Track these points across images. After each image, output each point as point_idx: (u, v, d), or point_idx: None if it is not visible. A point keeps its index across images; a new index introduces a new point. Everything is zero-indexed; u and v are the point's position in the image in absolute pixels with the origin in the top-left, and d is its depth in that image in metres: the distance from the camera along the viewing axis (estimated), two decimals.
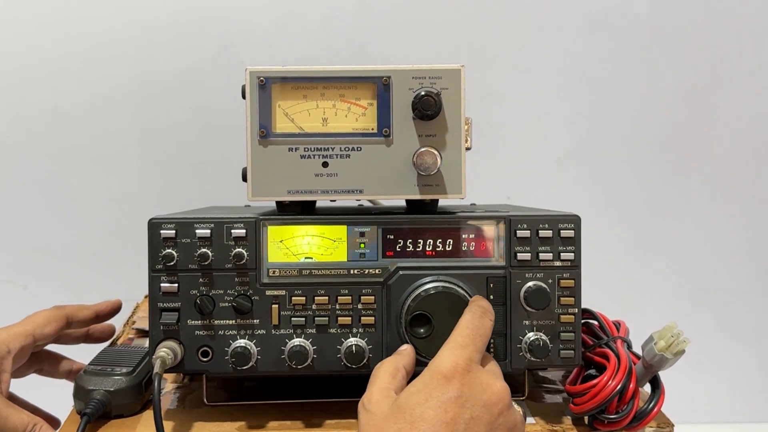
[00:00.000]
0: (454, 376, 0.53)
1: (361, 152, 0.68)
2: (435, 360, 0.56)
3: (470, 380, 0.54)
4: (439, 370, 0.54)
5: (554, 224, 0.68)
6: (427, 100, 0.66)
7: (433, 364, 0.55)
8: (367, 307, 0.67)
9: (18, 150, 1.25)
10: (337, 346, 0.67)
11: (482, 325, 0.59)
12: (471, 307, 0.62)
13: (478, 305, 0.62)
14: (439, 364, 0.55)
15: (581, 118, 1.30)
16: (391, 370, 0.59)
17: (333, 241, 0.68)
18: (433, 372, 0.54)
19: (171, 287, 0.67)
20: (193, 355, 0.67)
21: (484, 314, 0.61)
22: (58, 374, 0.81)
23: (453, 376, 0.53)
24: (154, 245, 0.67)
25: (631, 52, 1.29)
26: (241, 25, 1.25)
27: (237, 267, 0.67)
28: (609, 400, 0.64)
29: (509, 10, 1.28)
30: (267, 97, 0.68)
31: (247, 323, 0.67)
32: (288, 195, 0.69)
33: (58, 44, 1.24)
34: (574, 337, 0.68)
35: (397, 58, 0.79)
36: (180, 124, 1.26)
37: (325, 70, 0.68)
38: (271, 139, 0.68)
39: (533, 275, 0.68)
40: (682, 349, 0.65)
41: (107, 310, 0.82)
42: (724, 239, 1.32)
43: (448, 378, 0.53)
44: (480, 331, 0.59)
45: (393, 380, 0.57)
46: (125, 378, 0.70)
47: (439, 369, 0.54)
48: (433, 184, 0.68)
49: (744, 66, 1.30)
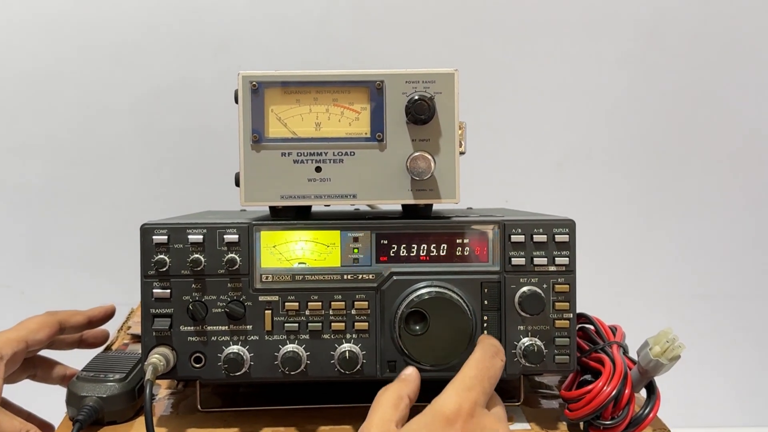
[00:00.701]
0: (457, 419, 0.52)
1: (355, 157, 0.68)
2: (439, 399, 0.54)
3: (473, 426, 0.53)
4: (442, 411, 0.53)
5: (549, 229, 0.67)
6: (420, 104, 0.66)
7: (437, 403, 0.54)
8: (360, 313, 0.67)
9: (14, 154, 1.25)
10: (330, 352, 0.67)
11: (492, 366, 0.58)
12: (483, 344, 0.60)
13: (490, 344, 0.61)
14: (443, 404, 0.54)
15: (580, 122, 1.30)
16: (394, 399, 0.57)
17: (326, 246, 0.68)
18: (435, 412, 0.53)
19: (163, 293, 0.66)
20: (186, 361, 0.66)
21: (496, 354, 0.60)
22: (51, 380, 0.81)
23: (456, 419, 0.52)
24: (146, 251, 0.66)
25: (629, 55, 1.29)
26: (237, 30, 1.25)
27: (230, 273, 0.66)
28: (604, 405, 0.64)
29: (507, 13, 1.28)
30: (260, 101, 0.67)
31: (240, 329, 0.67)
32: (281, 200, 0.68)
33: (53, 47, 1.24)
34: (569, 342, 0.67)
35: (392, 62, 0.79)
36: (176, 128, 1.26)
37: (318, 75, 0.68)
38: (264, 143, 0.67)
39: (528, 280, 0.67)
40: (677, 354, 0.64)
41: (100, 316, 0.82)
42: (722, 243, 1.32)
43: (451, 421, 0.52)
44: (489, 372, 0.57)
45: (395, 411, 0.56)
46: (118, 384, 0.70)
47: (442, 410, 0.53)
48: (427, 188, 0.68)
49: (743, 70, 1.30)
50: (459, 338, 0.65)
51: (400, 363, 0.67)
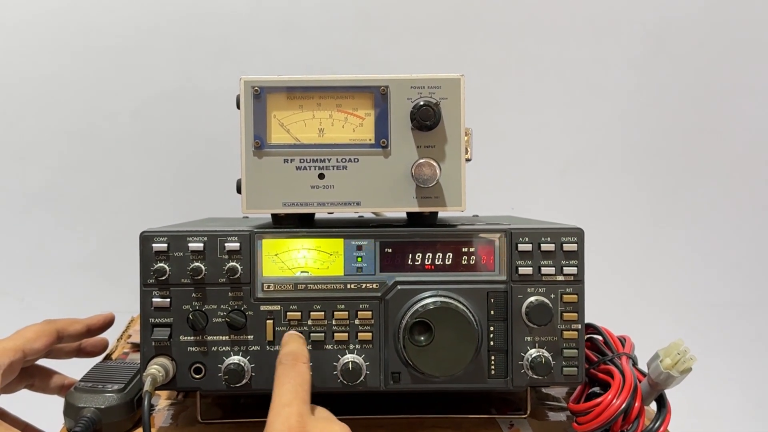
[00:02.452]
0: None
1: (359, 164, 0.67)
2: (266, 429, 0.53)
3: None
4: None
5: (557, 237, 0.66)
6: (425, 110, 0.65)
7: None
8: (364, 323, 0.66)
9: (14, 159, 1.24)
10: (333, 363, 0.65)
11: (298, 374, 0.57)
12: (279, 358, 0.59)
13: (285, 353, 0.59)
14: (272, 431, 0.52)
15: (586, 128, 1.29)
16: None
17: (329, 254, 0.66)
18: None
19: (163, 302, 0.65)
20: (186, 372, 0.65)
21: (296, 360, 0.58)
22: (49, 390, 0.79)
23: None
24: (145, 259, 0.65)
25: (636, 61, 1.28)
26: (240, 34, 1.24)
27: (231, 281, 0.65)
28: (614, 419, 0.62)
29: (513, 19, 1.27)
30: (262, 107, 0.66)
31: (241, 339, 0.65)
32: (283, 207, 0.67)
33: (55, 53, 1.24)
34: (578, 353, 0.66)
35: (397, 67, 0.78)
36: (178, 134, 1.25)
37: (322, 80, 0.66)
38: (266, 150, 0.66)
39: (535, 290, 0.66)
40: (688, 366, 0.63)
41: (99, 324, 0.80)
42: (731, 250, 1.30)
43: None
44: (298, 380, 0.56)
45: None
46: (116, 395, 0.69)
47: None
48: (432, 196, 0.67)
49: (750, 76, 1.29)
50: (465, 349, 0.63)
51: (405, 374, 0.65)
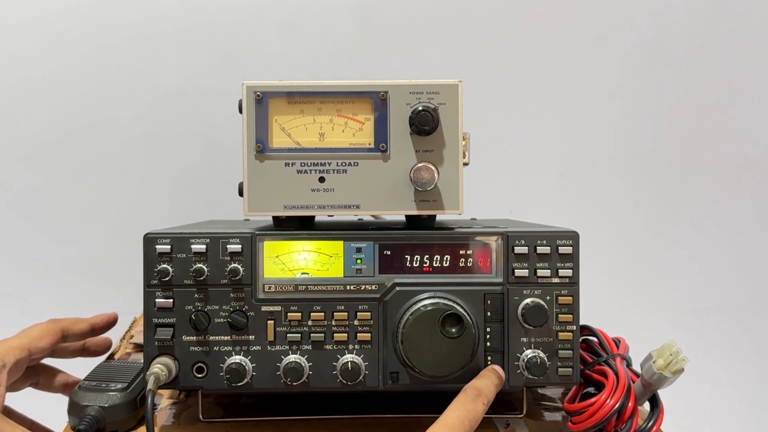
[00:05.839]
0: None
1: (358, 167, 0.68)
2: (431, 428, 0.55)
3: None
4: None
5: (552, 240, 0.67)
6: (424, 115, 0.66)
7: None
8: (363, 324, 0.67)
9: (18, 162, 1.25)
10: (332, 363, 0.67)
11: (473, 408, 0.59)
12: (465, 389, 0.62)
13: (474, 385, 0.62)
14: None
15: (584, 132, 1.30)
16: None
17: (329, 256, 0.68)
18: None
19: (166, 303, 0.66)
20: (188, 371, 0.66)
21: (478, 396, 0.61)
22: (53, 388, 0.80)
23: None
24: (149, 260, 0.66)
25: (634, 65, 1.29)
26: (242, 40, 1.26)
27: (232, 282, 0.66)
28: (607, 418, 0.63)
29: (510, 24, 1.28)
30: (264, 111, 0.67)
31: (243, 339, 0.66)
32: (284, 210, 0.68)
33: (57, 55, 1.24)
34: (573, 354, 0.67)
35: (396, 73, 0.79)
36: (180, 137, 1.26)
37: (322, 85, 0.68)
38: (268, 153, 0.68)
39: (531, 292, 0.67)
40: (681, 367, 0.64)
41: (103, 324, 0.82)
42: (726, 254, 1.31)
43: None
44: (470, 415, 0.58)
45: None
46: (120, 394, 0.70)
47: None
48: (431, 199, 0.68)
49: (748, 80, 1.30)
50: (462, 350, 0.64)
51: (403, 374, 0.66)
